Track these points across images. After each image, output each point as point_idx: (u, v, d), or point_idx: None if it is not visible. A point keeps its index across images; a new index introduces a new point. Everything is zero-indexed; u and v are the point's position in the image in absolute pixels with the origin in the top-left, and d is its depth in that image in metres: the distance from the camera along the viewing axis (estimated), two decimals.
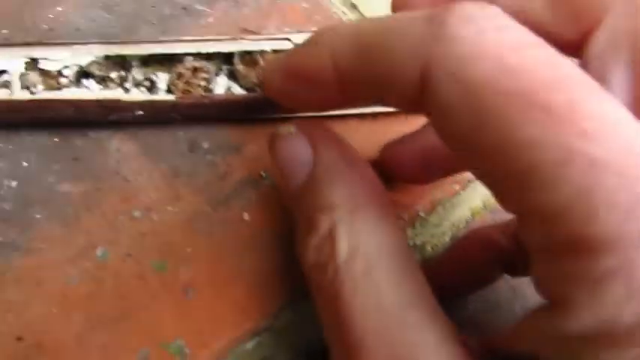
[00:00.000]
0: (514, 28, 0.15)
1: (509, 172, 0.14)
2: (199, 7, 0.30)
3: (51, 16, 0.28)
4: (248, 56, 0.25)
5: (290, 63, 0.20)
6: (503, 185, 0.15)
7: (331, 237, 0.18)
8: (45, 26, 0.28)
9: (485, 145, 0.14)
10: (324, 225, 0.18)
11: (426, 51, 0.15)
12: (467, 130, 0.15)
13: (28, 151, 0.24)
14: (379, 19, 0.17)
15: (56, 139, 0.24)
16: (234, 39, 0.24)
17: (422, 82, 0.15)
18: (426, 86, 0.15)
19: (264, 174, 0.25)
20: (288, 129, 0.21)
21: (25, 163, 0.23)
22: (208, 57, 0.24)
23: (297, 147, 0.20)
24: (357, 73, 0.17)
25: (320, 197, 0.19)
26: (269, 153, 0.22)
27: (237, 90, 0.25)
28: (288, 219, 0.23)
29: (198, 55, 0.24)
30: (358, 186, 0.19)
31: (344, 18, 0.31)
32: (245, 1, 0.31)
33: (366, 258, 0.17)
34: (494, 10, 0.15)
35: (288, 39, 0.24)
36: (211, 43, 0.24)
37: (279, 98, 0.21)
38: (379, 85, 0.17)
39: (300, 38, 0.24)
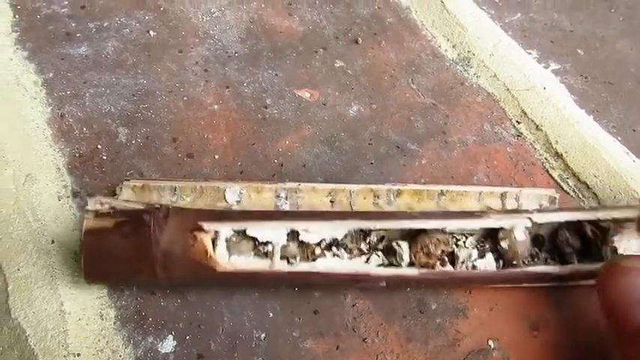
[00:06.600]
0: None
1: None
2: (411, 146, 0.31)
3: (280, 149, 0.30)
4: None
5: None
6: None
7: None
8: (275, 161, 0.29)
9: None
10: None
11: None
12: None
13: (272, 299, 0.25)
14: None
15: (296, 288, 0.25)
16: (478, 216, 0.24)
17: None
18: None
19: (492, 344, 0.25)
20: (631, 262, 0.20)
21: (270, 314, 0.24)
22: None
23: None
24: None
25: None
26: (599, 284, 0.20)
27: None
28: None
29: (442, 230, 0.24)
30: None
31: (547, 166, 0.31)
32: (453, 141, 0.32)
33: None
34: None
35: (530, 218, 0.25)
36: (460, 221, 0.24)
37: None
38: None
39: (541, 218, 0.25)
